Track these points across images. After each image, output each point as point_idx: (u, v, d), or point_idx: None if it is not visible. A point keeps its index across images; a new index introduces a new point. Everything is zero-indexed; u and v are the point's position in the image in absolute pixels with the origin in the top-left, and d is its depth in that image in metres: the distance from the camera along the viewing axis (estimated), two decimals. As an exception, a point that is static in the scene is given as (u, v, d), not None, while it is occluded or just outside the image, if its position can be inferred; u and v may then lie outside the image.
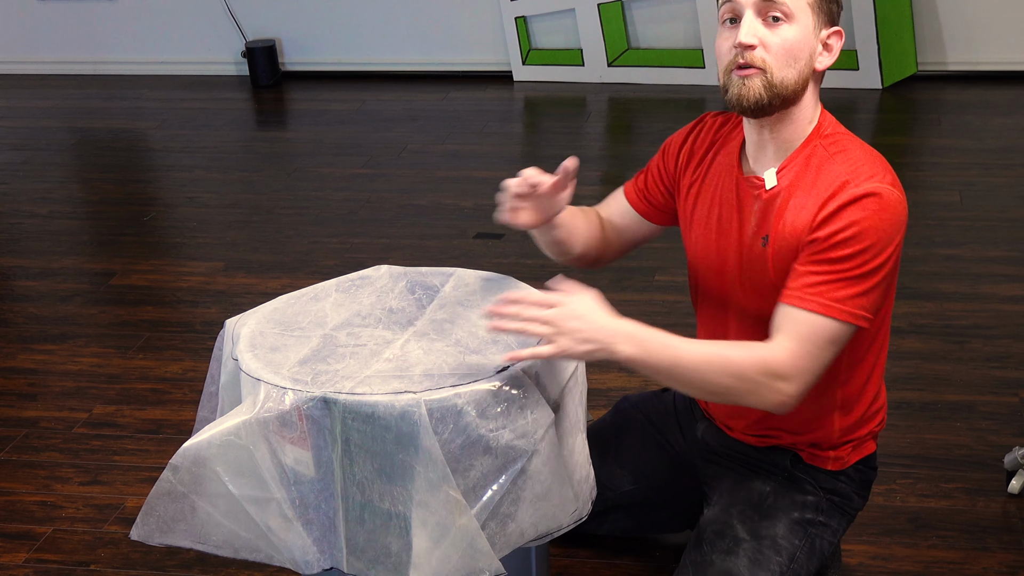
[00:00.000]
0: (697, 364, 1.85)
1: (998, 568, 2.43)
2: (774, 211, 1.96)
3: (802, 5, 1.89)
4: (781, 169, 1.97)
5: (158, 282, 3.87)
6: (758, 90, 1.89)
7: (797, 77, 1.91)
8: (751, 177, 2.01)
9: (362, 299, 2.08)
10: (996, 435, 2.85)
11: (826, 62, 1.95)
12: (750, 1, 1.89)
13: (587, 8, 5.54)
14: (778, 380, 1.85)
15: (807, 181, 1.93)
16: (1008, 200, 4.18)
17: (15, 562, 2.57)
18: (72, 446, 2.98)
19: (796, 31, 1.89)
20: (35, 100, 5.82)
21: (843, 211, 1.86)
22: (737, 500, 2.13)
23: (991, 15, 5.34)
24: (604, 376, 3.15)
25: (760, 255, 1.99)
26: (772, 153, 1.99)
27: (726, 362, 1.86)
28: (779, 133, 1.97)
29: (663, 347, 1.85)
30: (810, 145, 1.96)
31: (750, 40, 1.88)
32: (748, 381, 1.86)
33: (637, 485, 2.32)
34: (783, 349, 1.86)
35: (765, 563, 2.05)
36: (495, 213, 2.10)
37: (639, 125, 5.25)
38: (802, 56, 1.91)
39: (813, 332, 1.86)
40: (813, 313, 1.86)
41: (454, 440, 1.77)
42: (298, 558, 1.86)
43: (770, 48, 1.89)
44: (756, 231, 1.99)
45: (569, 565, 2.48)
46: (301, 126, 5.43)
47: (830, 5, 1.94)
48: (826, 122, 1.99)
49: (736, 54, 1.91)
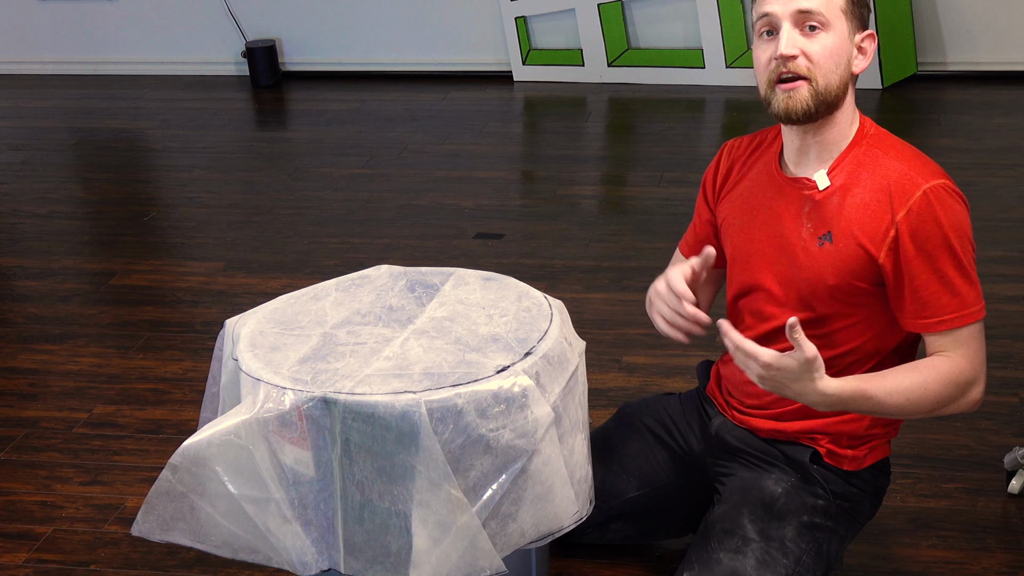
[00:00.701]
0: (899, 404, 1.96)
1: (998, 568, 2.43)
2: (831, 210, 2.01)
3: (836, 12, 1.94)
4: (831, 169, 2.02)
5: (158, 282, 3.87)
6: (805, 100, 1.95)
7: (839, 82, 1.97)
8: (798, 179, 2.05)
9: (362, 298, 2.08)
10: (996, 435, 2.85)
11: (862, 65, 2.00)
12: (787, 12, 1.94)
13: (587, 8, 5.55)
14: (970, 388, 1.99)
15: (864, 179, 1.99)
16: (1008, 200, 4.18)
17: (15, 562, 2.57)
18: (72, 446, 2.98)
19: (834, 38, 1.94)
20: (35, 100, 5.83)
21: (931, 212, 1.93)
22: (748, 499, 2.13)
23: (991, 15, 5.34)
24: (604, 376, 3.15)
25: (815, 255, 2.02)
26: (815, 156, 2.04)
27: (925, 391, 1.96)
28: (823, 137, 2.02)
29: (864, 401, 1.95)
30: (858, 145, 2.02)
31: (791, 51, 1.93)
32: (946, 399, 1.98)
33: (642, 491, 2.31)
34: (961, 358, 1.98)
35: (772, 565, 2.05)
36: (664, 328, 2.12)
37: (639, 125, 5.25)
38: (842, 61, 1.96)
39: (971, 339, 1.98)
40: (962, 328, 1.97)
41: (454, 440, 1.77)
42: (296, 559, 1.86)
43: (812, 57, 1.94)
44: (813, 231, 2.03)
45: (568, 566, 2.48)
46: (301, 126, 5.43)
47: (861, 9, 1.98)
48: (867, 123, 2.05)
49: (777, 65, 1.95)
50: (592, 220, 4.20)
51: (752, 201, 2.12)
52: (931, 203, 1.93)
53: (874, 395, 1.94)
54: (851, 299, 2.02)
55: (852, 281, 2.00)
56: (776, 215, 2.07)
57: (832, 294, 2.02)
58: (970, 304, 1.97)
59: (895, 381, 1.96)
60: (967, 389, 1.99)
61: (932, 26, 5.39)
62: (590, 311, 3.50)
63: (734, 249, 2.16)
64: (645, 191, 4.37)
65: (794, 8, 1.93)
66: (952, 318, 1.96)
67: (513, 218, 4.21)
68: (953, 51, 5.42)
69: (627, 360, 3.24)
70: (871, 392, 1.94)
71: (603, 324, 3.43)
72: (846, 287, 2.01)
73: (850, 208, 1.99)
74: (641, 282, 3.67)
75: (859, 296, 2.02)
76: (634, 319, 3.45)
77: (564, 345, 1.94)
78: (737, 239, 2.15)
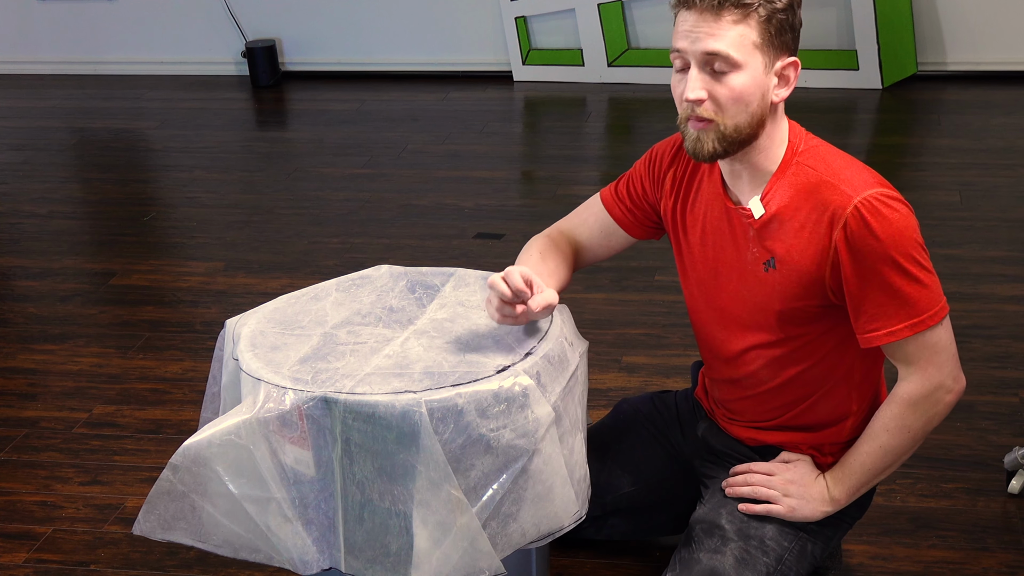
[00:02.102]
0: (887, 455, 2.05)
1: (998, 568, 2.43)
2: (770, 236, 1.97)
3: (748, 50, 1.85)
4: (764, 196, 1.97)
5: (158, 282, 3.87)
6: (712, 143, 1.90)
7: (750, 120, 1.90)
8: (739, 208, 2.01)
9: (362, 298, 2.09)
10: (996, 435, 2.85)
11: (783, 94, 1.92)
12: (695, 52, 1.86)
13: (587, 8, 5.55)
14: (941, 393, 1.99)
15: (798, 201, 1.94)
16: (1008, 200, 4.18)
17: (15, 562, 2.57)
18: (72, 446, 2.98)
19: (744, 78, 1.86)
20: (35, 100, 5.83)
21: (865, 226, 1.88)
22: (728, 500, 2.14)
23: (991, 15, 5.34)
24: (604, 376, 3.15)
25: (763, 280, 2.00)
26: (748, 181, 1.99)
27: (898, 431, 2.02)
28: (750, 164, 1.97)
29: (861, 474, 2.07)
30: (788, 166, 1.96)
31: (697, 95, 1.87)
32: (917, 421, 2.01)
33: (637, 486, 2.32)
34: (912, 376, 1.98)
35: (752, 563, 2.05)
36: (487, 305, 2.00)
37: (639, 125, 5.25)
38: (753, 99, 1.88)
39: (925, 346, 1.96)
40: (913, 337, 1.94)
41: (455, 440, 1.77)
42: (297, 558, 1.86)
43: (719, 100, 1.87)
44: (756, 257, 2.00)
45: (569, 565, 2.48)
46: (301, 126, 5.43)
47: (783, 37, 1.89)
48: (797, 139, 1.98)
49: (687, 106, 1.90)
50: (592, 220, 4.20)
51: (706, 224, 2.08)
52: (864, 216, 1.88)
53: (865, 463, 2.05)
54: (803, 319, 2.01)
55: (799, 304, 1.98)
56: (726, 239, 2.05)
57: (782, 317, 2.01)
58: (923, 309, 1.92)
59: (871, 436, 2.04)
60: (929, 402, 1.99)
61: (932, 26, 5.39)
62: (590, 311, 3.50)
63: (692, 269, 2.13)
64: (645, 191, 4.36)
65: (701, 50, 1.85)
66: (901, 328, 1.93)
67: (513, 218, 4.21)
68: (953, 51, 5.42)
69: (627, 360, 3.24)
70: (862, 460, 2.06)
71: (603, 324, 3.43)
72: (793, 311, 2.00)
73: (788, 233, 1.95)
74: (641, 282, 3.67)
75: (811, 315, 2.00)
76: (634, 319, 3.45)
77: (564, 345, 1.94)
78: (694, 259, 2.12)
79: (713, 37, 1.84)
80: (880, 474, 2.07)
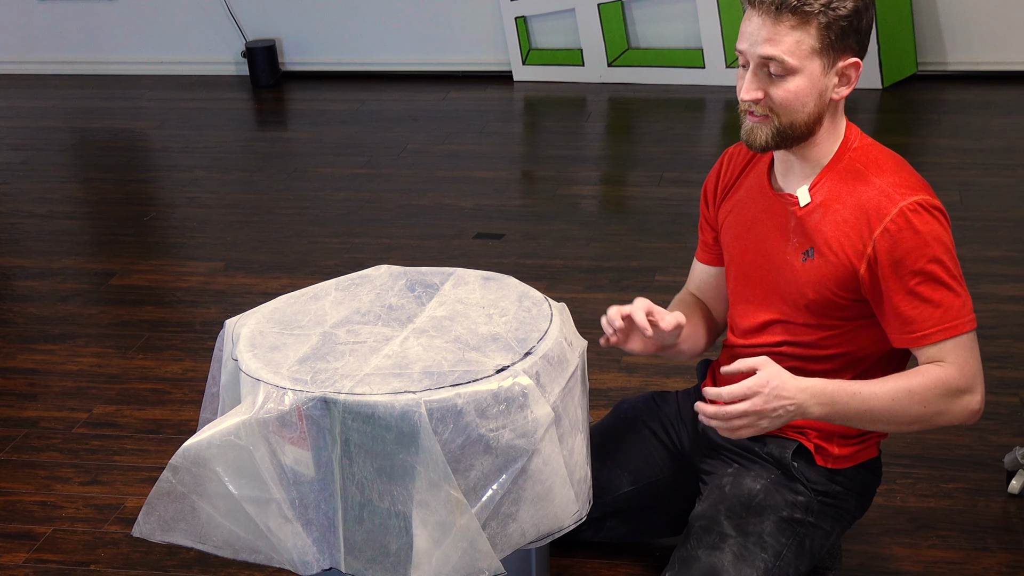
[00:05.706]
0: (885, 404, 1.96)
1: (998, 568, 2.43)
2: (812, 226, 2.02)
3: (805, 55, 1.91)
4: (813, 186, 2.03)
5: (158, 282, 3.87)
6: (765, 136, 1.97)
7: (807, 118, 1.96)
8: (784, 194, 2.07)
9: (362, 297, 2.09)
10: (996, 435, 2.85)
11: (844, 92, 1.98)
12: (753, 55, 1.93)
13: (587, 8, 5.54)
14: (961, 395, 1.97)
15: (844, 196, 1.99)
16: (1008, 200, 4.18)
17: (15, 562, 2.57)
18: (72, 446, 2.98)
19: (800, 81, 1.93)
20: (35, 100, 5.82)
21: (905, 231, 1.93)
22: (726, 496, 2.14)
23: (991, 15, 5.34)
24: (604, 376, 3.15)
25: (799, 269, 2.04)
26: (799, 172, 2.05)
27: (910, 394, 1.96)
28: (804, 155, 2.03)
29: (850, 397, 1.95)
30: (840, 161, 2.02)
31: (752, 95, 1.95)
32: (935, 404, 1.97)
33: (636, 486, 2.32)
34: (951, 366, 1.96)
35: (750, 559, 2.05)
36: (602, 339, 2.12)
37: (639, 125, 5.25)
38: (809, 100, 1.95)
39: (958, 349, 1.96)
40: (947, 340, 1.95)
41: (454, 440, 1.77)
42: (297, 559, 1.86)
43: (773, 101, 1.94)
44: (797, 246, 2.05)
45: (569, 565, 2.48)
46: (301, 126, 5.43)
47: (845, 41, 1.93)
48: (853, 136, 2.04)
49: (745, 103, 1.97)
50: (592, 220, 4.20)
51: (746, 213, 2.14)
52: (907, 220, 1.93)
53: (858, 391, 1.95)
54: (833, 312, 2.04)
55: (831, 296, 2.02)
56: (767, 229, 2.10)
57: (813, 307, 2.05)
58: (954, 316, 1.96)
59: (879, 383, 1.98)
60: (957, 397, 1.98)
61: (932, 26, 5.39)
62: (590, 311, 3.48)
63: (730, 259, 2.19)
64: (645, 191, 4.36)
65: (757, 53, 1.92)
66: (936, 331, 1.96)
67: (513, 218, 4.21)
68: (953, 51, 5.42)
69: (627, 360, 3.24)
70: (859, 390, 1.95)
71: (603, 324, 3.43)
72: (825, 301, 2.03)
73: (830, 225, 2.00)
74: (641, 282, 3.67)
75: (840, 309, 2.04)
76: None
77: (564, 345, 1.94)
78: (732, 249, 2.18)
79: (770, 42, 1.91)
80: (858, 420, 1.99)
